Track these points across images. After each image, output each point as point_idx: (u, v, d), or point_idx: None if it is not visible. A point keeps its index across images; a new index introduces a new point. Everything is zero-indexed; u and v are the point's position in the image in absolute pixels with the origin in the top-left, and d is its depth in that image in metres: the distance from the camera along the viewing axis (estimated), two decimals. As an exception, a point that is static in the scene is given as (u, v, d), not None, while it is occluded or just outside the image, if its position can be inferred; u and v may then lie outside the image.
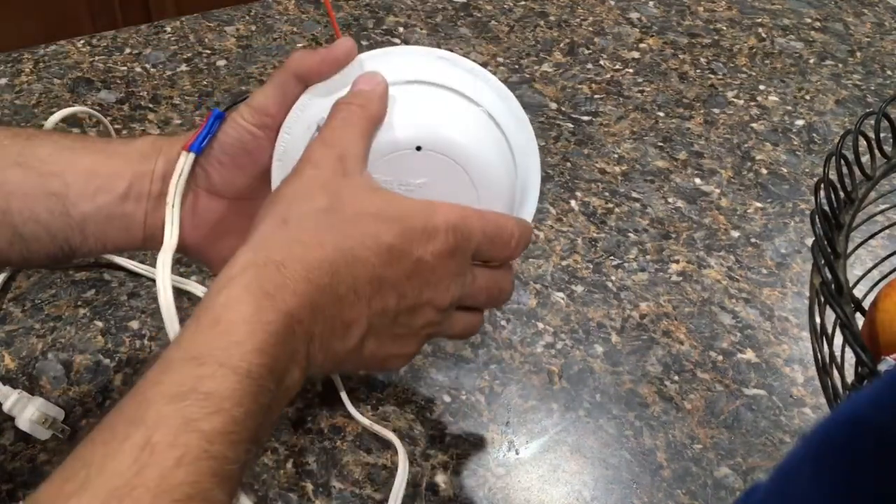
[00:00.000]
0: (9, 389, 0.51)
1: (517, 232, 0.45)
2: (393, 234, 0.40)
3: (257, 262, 0.37)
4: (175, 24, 0.85)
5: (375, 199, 0.41)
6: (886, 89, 0.87)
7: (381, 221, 0.40)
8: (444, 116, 0.44)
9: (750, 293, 0.66)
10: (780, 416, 0.58)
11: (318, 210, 0.39)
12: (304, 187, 0.40)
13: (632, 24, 0.92)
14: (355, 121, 0.42)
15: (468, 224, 0.42)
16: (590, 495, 0.53)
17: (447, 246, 0.41)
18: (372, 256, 0.39)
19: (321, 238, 0.39)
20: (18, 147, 0.46)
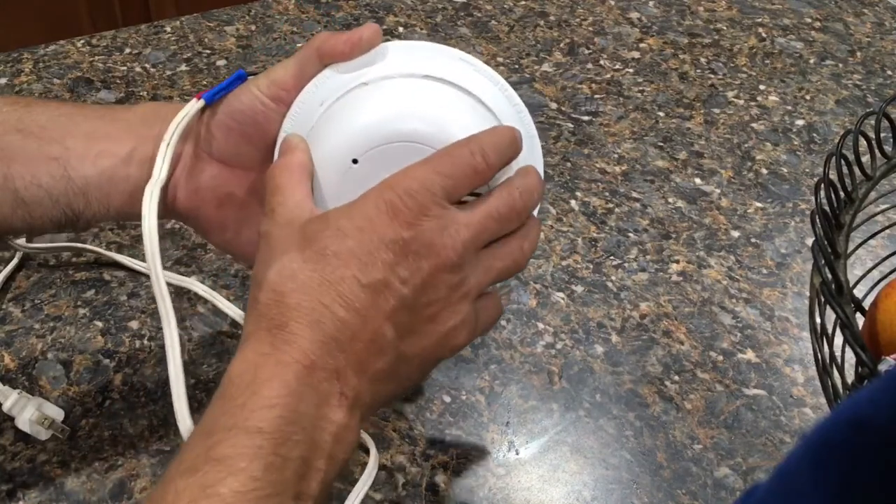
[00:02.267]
0: (8, 390, 0.51)
1: (476, 145, 0.41)
2: (358, 240, 0.39)
3: (251, 331, 0.38)
4: (175, 24, 0.85)
5: (333, 215, 0.40)
6: (886, 89, 0.87)
7: (344, 236, 0.39)
8: (373, 112, 0.43)
9: (750, 293, 0.66)
10: (780, 416, 0.58)
11: (308, 220, 0.40)
12: (268, 254, 0.40)
13: (632, 24, 0.92)
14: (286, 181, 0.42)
15: (417, 176, 0.39)
16: (590, 495, 0.53)
17: (410, 210, 0.39)
18: (352, 269, 0.38)
19: (304, 281, 0.38)
20: (17, 114, 0.46)
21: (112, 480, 0.51)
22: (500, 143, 0.41)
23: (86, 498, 0.50)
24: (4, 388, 0.51)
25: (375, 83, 0.44)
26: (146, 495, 0.34)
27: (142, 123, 0.47)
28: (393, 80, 0.44)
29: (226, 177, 0.48)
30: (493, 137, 0.41)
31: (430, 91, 0.44)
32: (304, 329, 0.37)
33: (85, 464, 0.51)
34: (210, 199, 0.48)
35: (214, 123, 0.47)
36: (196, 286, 0.61)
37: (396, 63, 0.45)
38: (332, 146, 0.43)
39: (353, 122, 0.43)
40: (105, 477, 0.51)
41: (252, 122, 0.46)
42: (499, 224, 0.41)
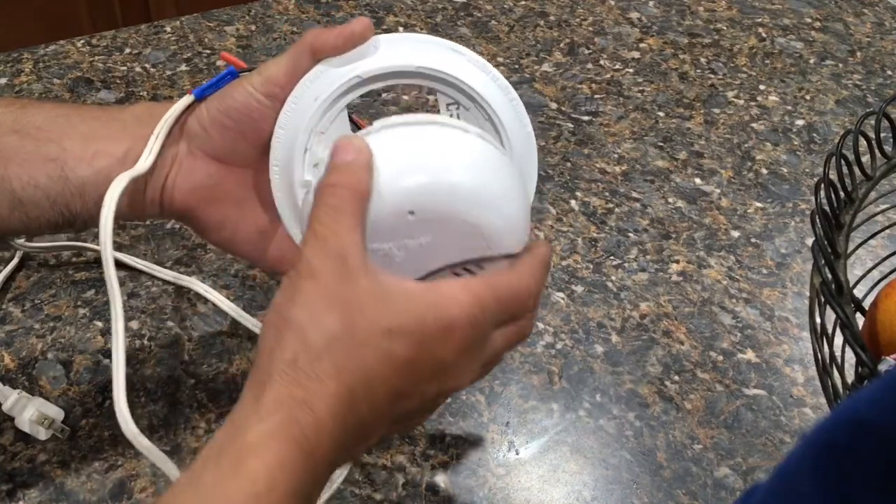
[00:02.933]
0: (8, 390, 0.51)
1: (533, 284, 0.42)
2: (408, 348, 0.38)
3: (284, 401, 0.36)
4: (175, 24, 0.85)
5: (384, 309, 0.38)
6: (886, 89, 0.87)
7: (394, 336, 0.38)
8: (431, 169, 0.41)
9: (750, 293, 0.66)
10: (780, 416, 0.58)
11: (330, 336, 0.37)
12: (310, 310, 0.37)
13: (632, 24, 0.92)
14: (346, 206, 0.39)
15: (483, 307, 0.39)
16: (590, 495, 0.53)
17: (465, 340, 0.39)
18: (390, 374, 0.38)
19: (338, 369, 0.37)
20: (14, 115, 0.46)
21: (112, 480, 0.51)
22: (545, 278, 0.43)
23: (86, 498, 0.50)
24: (4, 388, 0.51)
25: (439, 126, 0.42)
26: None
27: (137, 123, 0.47)
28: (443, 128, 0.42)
29: (222, 175, 0.48)
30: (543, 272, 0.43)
31: (401, 146, 0.41)
32: (331, 424, 0.36)
33: (85, 464, 0.51)
34: (207, 197, 0.48)
35: (209, 122, 0.47)
36: (197, 285, 0.61)
37: (389, 56, 0.45)
38: (396, 187, 0.40)
39: (425, 172, 0.41)
40: (105, 477, 0.51)
41: (247, 118, 0.46)
42: (505, 351, 0.44)
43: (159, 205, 0.47)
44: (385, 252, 0.41)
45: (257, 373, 0.37)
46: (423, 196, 0.40)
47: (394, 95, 0.79)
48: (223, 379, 0.56)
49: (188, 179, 0.47)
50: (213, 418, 0.54)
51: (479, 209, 0.41)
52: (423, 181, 0.40)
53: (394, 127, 0.42)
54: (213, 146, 0.47)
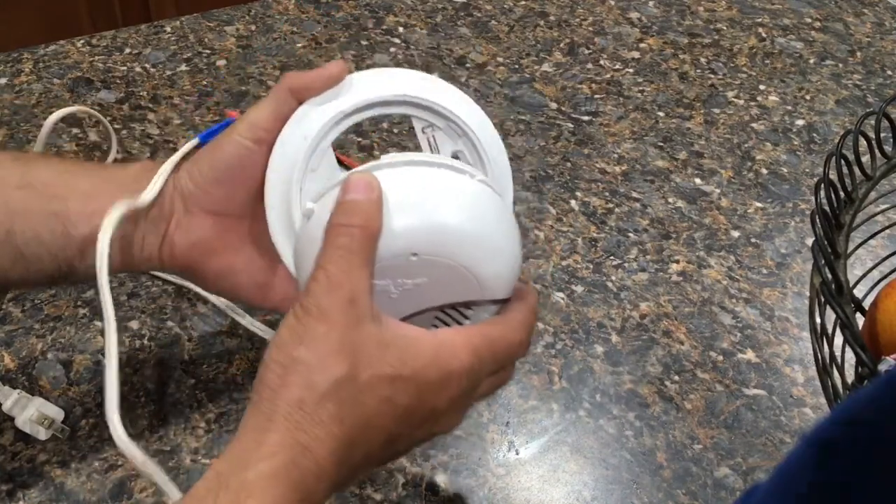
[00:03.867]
0: (8, 390, 0.51)
1: (525, 336, 0.44)
2: (409, 396, 0.39)
3: (285, 444, 0.36)
4: (175, 23, 0.85)
5: (389, 357, 0.39)
6: (886, 89, 0.87)
7: (397, 384, 0.39)
8: (438, 213, 0.41)
9: (750, 293, 0.66)
10: (780, 416, 0.58)
11: (336, 381, 0.37)
12: (318, 353, 0.38)
13: (632, 24, 0.92)
14: (357, 247, 0.39)
15: (481, 360, 0.41)
16: (590, 495, 0.53)
17: (460, 390, 0.41)
18: (388, 421, 0.39)
19: (341, 414, 0.37)
20: (21, 170, 0.47)
21: (112, 480, 0.51)
22: (532, 327, 0.45)
23: (86, 498, 0.50)
24: (4, 388, 0.51)
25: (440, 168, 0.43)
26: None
27: (134, 183, 0.47)
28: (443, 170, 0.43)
29: (219, 228, 0.49)
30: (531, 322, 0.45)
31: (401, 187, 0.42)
32: (329, 467, 0.37)
33: (85, 464, 0.51)
34: (206, 251, 0.49)
35: (202, 178, 0.48)
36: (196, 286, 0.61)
37: (365, 90, 0.47)
38: (403, 228, 0.41)
39: (431, 215, 0.41)
40: (105, 477, 0.51)
41: (238, 166, 0.47)
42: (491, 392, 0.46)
43: (158, 260, 0.48)
44: (382, 288, 0.42)
45: (260, 407, 0.37)
46: (427, 240, 0.41)
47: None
48: (223, 379, 0.56)
49: (186, 237, 0.48)
50: (212, 418, 0.54)
51: (480, 257, 0.42)
52: (429, 225, 0.41)
53: (402, 166, 0.42)
54: (209, 201, 0.48)
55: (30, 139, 0.71)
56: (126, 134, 0.73)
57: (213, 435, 0.53)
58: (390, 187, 0.41)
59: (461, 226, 0.41)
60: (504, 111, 0.79)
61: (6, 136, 0.71)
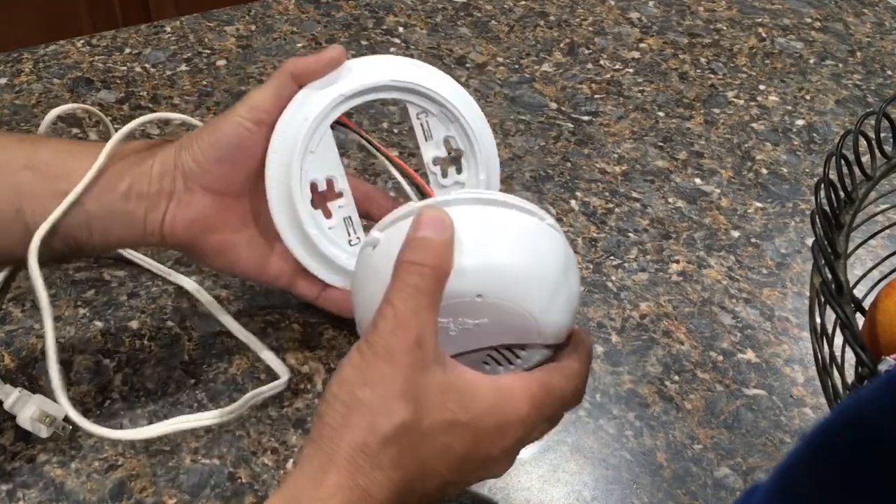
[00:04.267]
0: (9, 388, 0.51)
1: (582, 385, 0.44)
2: (466, 444, 0.39)
3: (345, 486, 0.36)
4: (175, 23, 0.85)
5: (450, 401, 0.39)
6: (886, 89, 0.87)
7: (456, 430, 0.39)
8: (507, 256, 0.41)
9: (750, 293, 0.66)
10: (780, 416, 0.58)
11: (399, 426, 0.37)
12: (383, 395, 0.37)
13: (632, 24, 0.92)
14: (427, 287, 0.38)
15: (539, 409, 0.41)
16: (590, 495, 0.53)
17: (515, 438, 0.41)
18: (443, 468, 0.39)
19: (402, 459, 0.37)
20: (26, 151, 0.48)
21: (112, 480, 0.51)
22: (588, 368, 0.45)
23: (86, 498, 0.50)
24: (5, 386, 0.51)
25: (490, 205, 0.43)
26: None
27: (138, 160, 0.50)
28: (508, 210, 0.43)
29: (219, 205, 0.51)
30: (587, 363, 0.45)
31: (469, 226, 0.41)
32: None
33: (85, 464, 0.51)
34: (206, 228, 0.51)
35: (203, 156, 0.49)
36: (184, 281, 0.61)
37: (363, 75, 0.50)
38: (472, 269, 0.40)
39: (501, 258, 0.41)
40: (105, 477, 0.51)
41: (238, 147, 0.49)
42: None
43: (160, 236, 0.50)
44: (442, 326, 0.41)
45: (320, 445, 0.37)
46: (495, 283, 0.40)
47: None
48: (223, 379, 0.56)
49: (186, 213, 0.50)
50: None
51: (544, 303, 0.41)
52: (498, 268, 0.41)
53: (473, 204, 0.42)
54: (210, 179, 0.50)
55: (30, 139, 0.71)
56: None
57: (213, 435, 0.53)
58: (461, 225, 0.40)
59: (529, 271, 0.41)
60: (504, 111, 0.79)
61: (6, 136, 0.71)
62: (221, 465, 0.52)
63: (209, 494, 0.50)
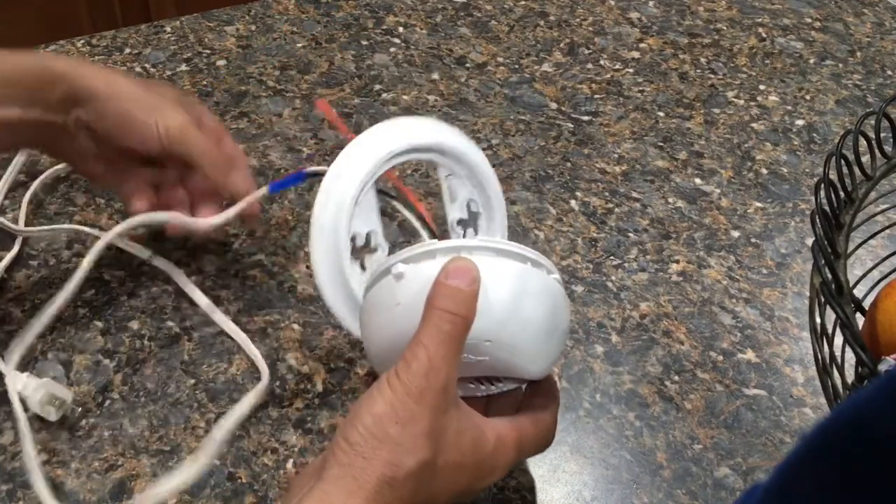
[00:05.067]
0: (16, 373, 0.52)
1: (554, 433, 0.48)
2: (467, 480, 0.43)
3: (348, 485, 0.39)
4: (175, 23, 0.85)
5: (462, 445, 0.42)
6: (886, 89, 0.87)
7: (462, 471, 0.43)
8: (521, 308, 0.44)
9: (750, 293, 0.66)
10: (780, 416, 0.58)
11: (420, 464, 0.40)
12: (412, 434, 0.40)
13: (632, 24, 0.92)
14: (458, 336, 0.42)
15: (520, 454, 0.46)
16: (590, 495, 0.53)
17: (502, 474, 0.46)
18: (444, 498, 0.43)
19: (417, 492, 0.40)
20: None
21: (112, 480, 0.51)
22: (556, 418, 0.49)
23: (86, 498, 0.50)
24: (13, 371, 0.52)
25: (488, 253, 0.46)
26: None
27: (35, 81, 0.53)
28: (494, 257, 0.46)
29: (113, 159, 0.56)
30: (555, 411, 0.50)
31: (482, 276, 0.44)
32: None
33: (85, 464, 0.51)
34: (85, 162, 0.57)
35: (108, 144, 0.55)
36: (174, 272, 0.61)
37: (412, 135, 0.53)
38: (487, 317, 0.43)
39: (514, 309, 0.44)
40: (105, 477, 0.51)
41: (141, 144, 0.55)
42: None
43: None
44: None
45: (352, 472, 0.39)
46: (506, 332, 0.44)
47: (393, 95, 0.79)
48: (223, 379, 0.56)
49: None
50: (212, 418, 0.54)
51: (541, 352, 0.46)
52: (511, 320, 0.44)
53: (494, 255, 0.45)
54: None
55: (30, 139, 0.71)
56: (126, 134, 0.73)
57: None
58: (484, 275, 0.43)
59: (539, 325, 0.45)
60: (504, 111, 0.79)
61: (6, 136, 0.71)
62: (221, 465, 0.52)
63: (209, 494, 0.50)
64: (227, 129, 0.62)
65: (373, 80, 0.81)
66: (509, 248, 0.45)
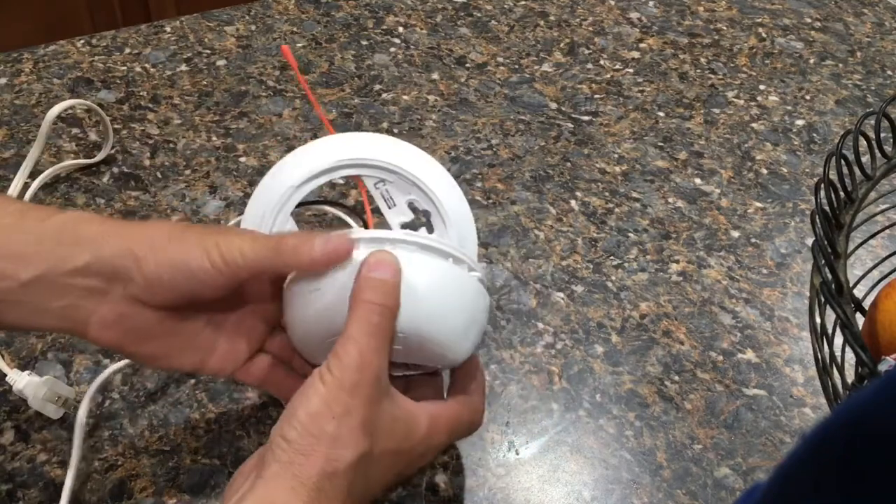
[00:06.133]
0: (17, 372, 0.52)
1: (482, 415, 0.49)
2: (401, 465, 0.44)
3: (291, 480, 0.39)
4: (175, 23, 0.85)
5: (397, 433, 0.43)
6: (886, 89, 0.87)
7: (398, 457, 0.43)
8: (436, 304, 0.45)
9: (750, 293, 0.66)
10: (780, 416, 0.58)
11: (359, 456, 0.40)
12: (348, 429, 0.40)
13: (632, 24, 0.92)
14: (386, 326, 0.42)
15: (450, 436, 0.46)
16: (590, 495, 0.53)
17: (433, 457, 0.47)
18: (380, 484, 0.43)
19: (356, 483, 0.41)
20: None
21: (112, 480, 0.51)
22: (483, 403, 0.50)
23: (86, 498, 0.50)
24: (15, 369, 0.52)
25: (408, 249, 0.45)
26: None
27: (56, 243, 0.42)
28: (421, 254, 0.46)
29: (149, 317, 0.44)
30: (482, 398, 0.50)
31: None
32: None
33: (85, 464, 0.51)
34: (133, 338, 0.44)
35: (155, 277, 0.42)
36: None
37: (313, 160, 0.51)
38: (404, 310, 0.43)
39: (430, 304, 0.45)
40: (105, 477, 0.51)
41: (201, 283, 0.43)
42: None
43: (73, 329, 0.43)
44: None
45: (290, 469, 0.39)
46: (419, 324, 0.44)
47: (393, 96, 0.79)
48: (223, 379, 0.56)
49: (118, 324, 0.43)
50: (212, 418, 0.54)
51: (456, 343, 0.46)
52: (426, 313, 0.44)
53: (416, 250, 0.45)
54: (146, 295, 0.43)
55: (30, 139, 0.71)
56: (126, 134, 0.73)
57: (213, 435, 0.53)
58: (403, 268, 0.44)
59: (451, 318, 0.45)
60: (504, 111, 0.79)
61: (6, 135, 0.71)
62: (221, 465, 0.52)
63: (209, 494, 0.50)
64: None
65: (373, 80, 0.81)
66: (430, 243, 0.45)
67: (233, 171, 0.71)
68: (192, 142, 0.73)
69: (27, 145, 0.70)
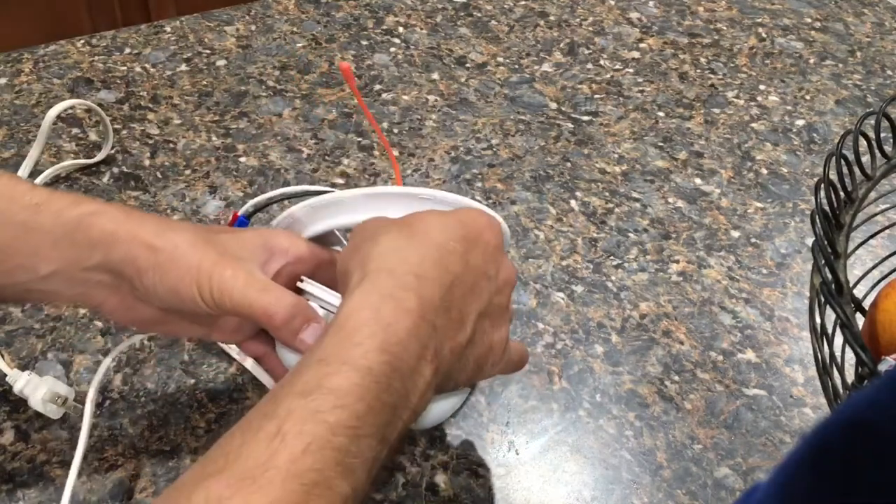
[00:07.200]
0: (17, 372, 0.52)
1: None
2: (461, 232, 0.43)
3: (368, 273, 0.40)
4: (175, 23, 0.85)
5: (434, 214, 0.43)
6: (886, 89, 0.87)
7: (446, 226, 0.42)
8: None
9: (750, 293, 0.66)
10: (780, 416, 0.58)
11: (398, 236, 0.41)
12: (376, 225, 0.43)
13: (632, 24, 0.92)
14: None
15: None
16: (590, 495, 0.53)
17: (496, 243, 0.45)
18: (455, 246, 0.42)
19: (414, 246, 0.41)
20: None
21: (112, 480, 0.51)
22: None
23: (86, 498, 0.50)
24: (15, 370, 0.52)
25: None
26: (256, 404, 0.36)
27: (70, 244, 0.43)
28: None
29: (152, 311, 0.45)
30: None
31: None
32: (418, 283, 0.39)
33: (85, 464, 0.51)
34: (145, 322, 0.46)
35: (158, 300, 0.44)
36: None
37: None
38: None
39: None
40: (105, 477, 0.51)
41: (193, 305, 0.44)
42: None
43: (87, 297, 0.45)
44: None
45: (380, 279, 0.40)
46: None
47: (393, 96, 0.79)
48: (223, 379, 0.56)
49: (128, 314, 0.46)
50: (213, 418, 0.54)
51: None
52: None
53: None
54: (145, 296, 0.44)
55: (30, 139, 0.71)
56: (126, 134, 0.73)
57: (213, 435, 0.53)
58: None
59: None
60: (504, 111, 0.79)
61: (6, 136, 0.71)
62: (221, 465, 0.52)
63: (209, 494, 0.50)
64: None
65: (373, 80, 0.81)
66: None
67: (233, 171, 0.71)
68: (192, 142, 0.73)
69: (27, 145, 0.70)
